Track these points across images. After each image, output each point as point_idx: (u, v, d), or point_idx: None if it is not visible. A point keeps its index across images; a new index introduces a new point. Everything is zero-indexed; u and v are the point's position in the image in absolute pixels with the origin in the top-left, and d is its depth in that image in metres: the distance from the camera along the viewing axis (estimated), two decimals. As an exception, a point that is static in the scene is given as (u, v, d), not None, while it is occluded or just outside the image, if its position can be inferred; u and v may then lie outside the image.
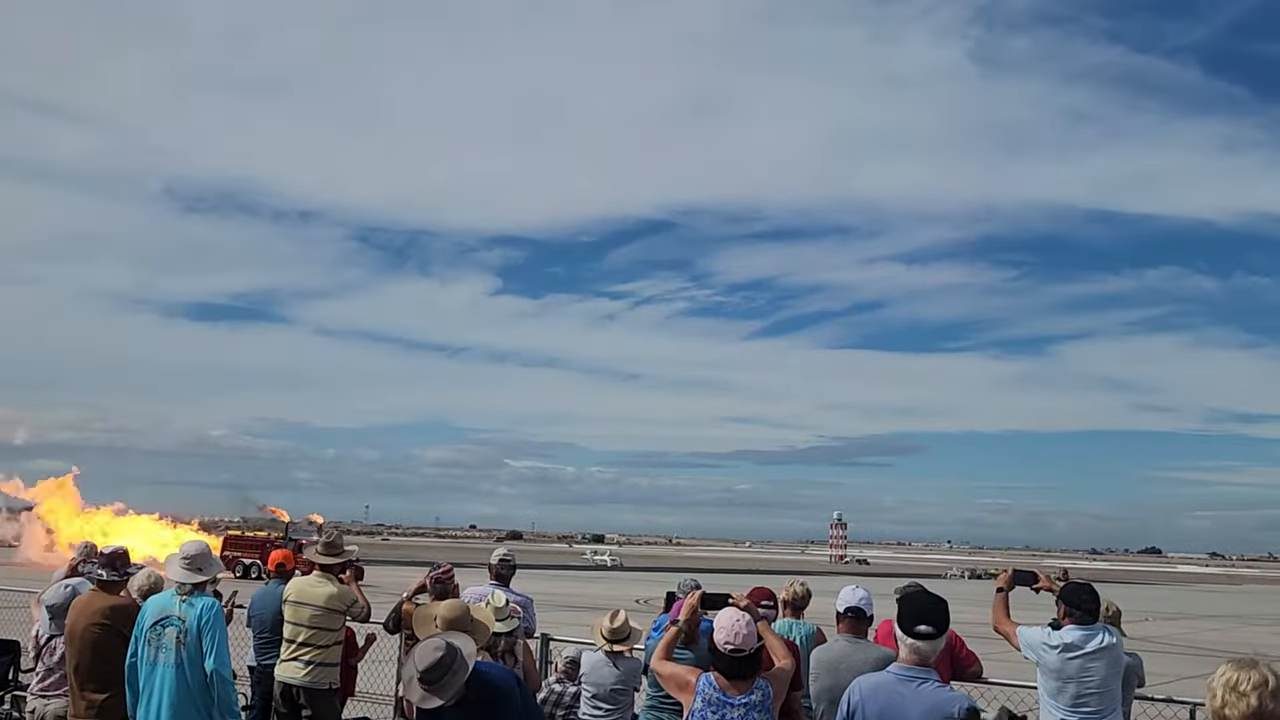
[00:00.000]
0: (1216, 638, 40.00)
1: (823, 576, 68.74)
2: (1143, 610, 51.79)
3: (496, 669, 6.33)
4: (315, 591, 9.15)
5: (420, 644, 6.01)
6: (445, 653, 5.83)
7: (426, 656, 5.82)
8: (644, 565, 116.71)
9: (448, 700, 5.81)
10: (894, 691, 5.10)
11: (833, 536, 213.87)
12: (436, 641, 5.93)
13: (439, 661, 5.79)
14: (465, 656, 5.90)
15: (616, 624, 8.74)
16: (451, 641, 5.96)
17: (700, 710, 5.77)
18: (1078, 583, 7.76)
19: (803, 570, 74.20)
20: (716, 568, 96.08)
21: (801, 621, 8.73)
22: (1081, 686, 7.25)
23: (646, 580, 69.53)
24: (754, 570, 75.13)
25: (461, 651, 5.91)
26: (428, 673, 5.78)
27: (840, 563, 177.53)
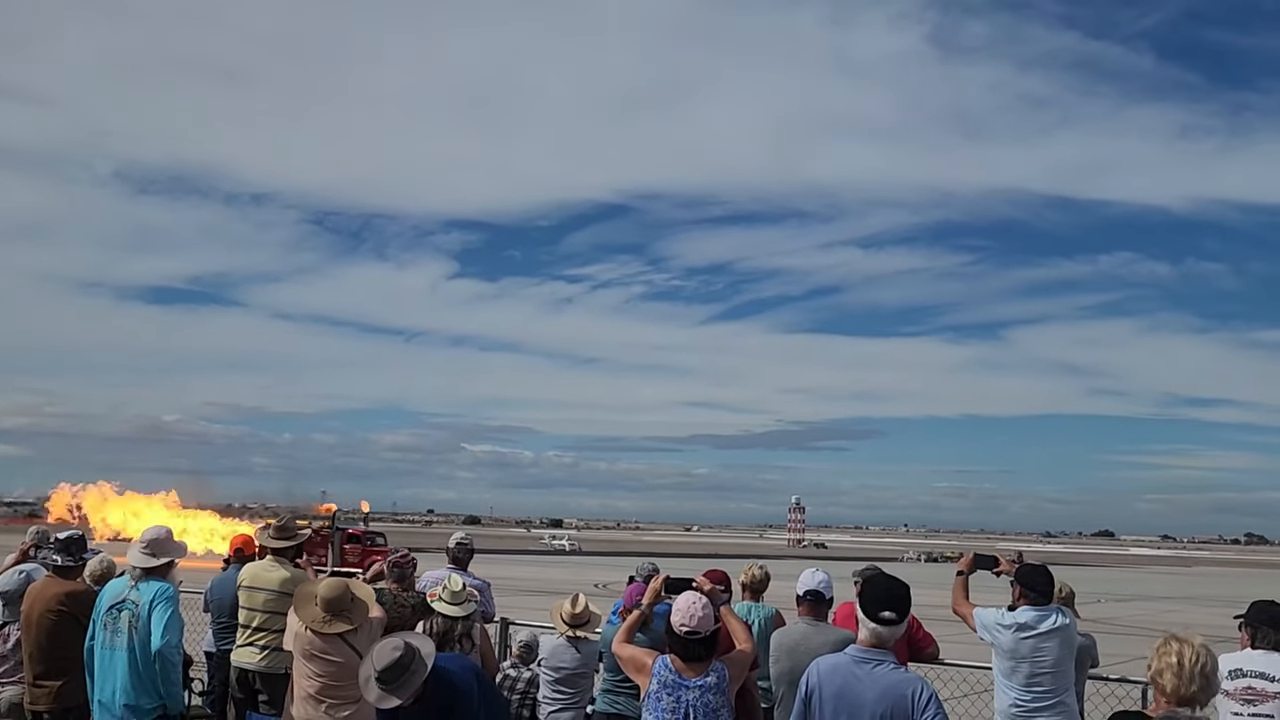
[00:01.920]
0: (1168, 619, 40.56)
1: (781, 560, 69.09)
2: (1096, 592, 52.44)
3: (455, 664, 6.29)
4: (268, 576, 9.09)
5: (378, 643, 5.96)
6: (404, 652, 5.77)
7: (384, 656, 5.76)
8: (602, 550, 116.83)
9: (406, 700, 5.78)
10: (850, 673, 5.13)
11: (791, 520, 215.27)
12: (395, 641, 5.87)
13: (397, 661, 5.74)
14: (424, 656, 5.86)
15: (578, 609, 8.78)
16: (410, 641, 5.91)
17: (656, 692, 5.80)
18: (1034, 565, 7.85)
19: (761, 554, 74.54)
20: (676, 552, 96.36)
21: (761, 604, 8.80)
22: (1035, 666, 7.35)
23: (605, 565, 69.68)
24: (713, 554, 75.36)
25: (420, 651, 5.87)
26: (385, 673, 5.73)
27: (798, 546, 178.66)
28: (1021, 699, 7.42)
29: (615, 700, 7.98)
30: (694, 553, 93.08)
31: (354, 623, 7.38)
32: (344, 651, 7.33)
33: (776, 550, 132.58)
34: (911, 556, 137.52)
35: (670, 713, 5.73)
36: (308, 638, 7.40)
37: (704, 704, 5.71)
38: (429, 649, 5.99)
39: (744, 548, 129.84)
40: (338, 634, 7.35)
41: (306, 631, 7.41)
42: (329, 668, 7.35)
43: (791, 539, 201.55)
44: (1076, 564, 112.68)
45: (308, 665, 7.43)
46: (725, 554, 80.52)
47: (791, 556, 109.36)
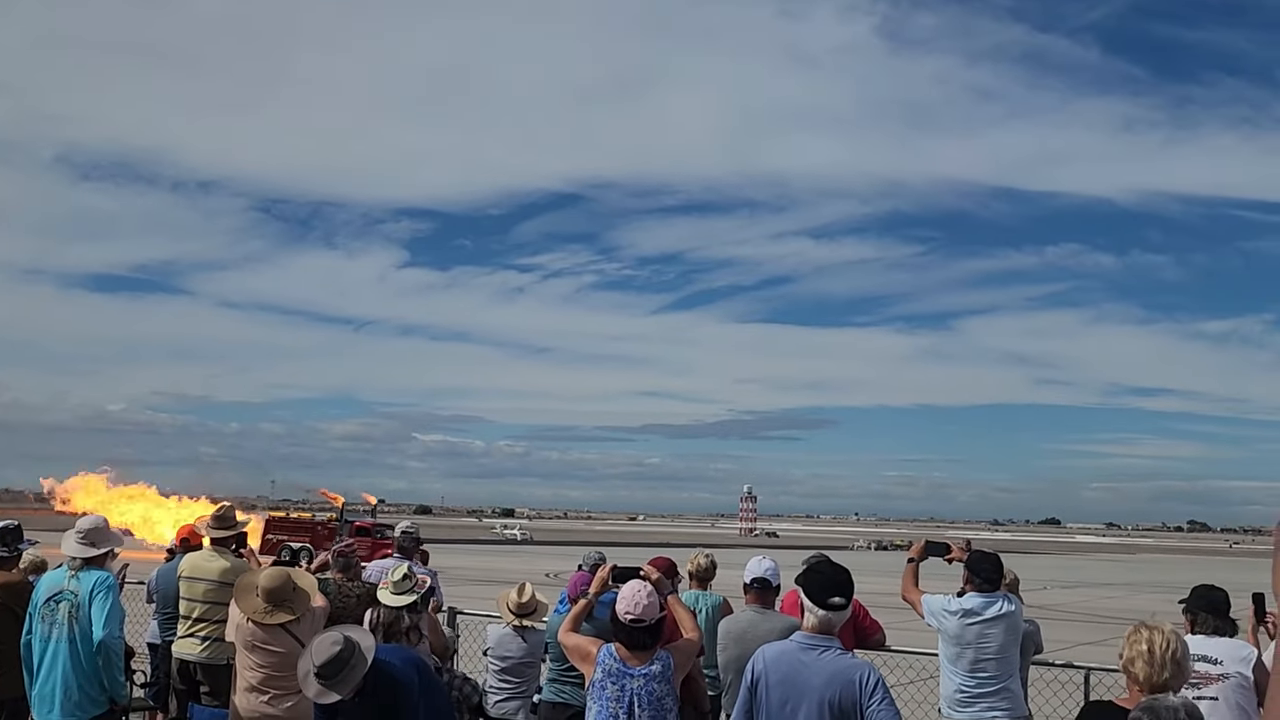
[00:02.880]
0: (1112, 605, 41.12)
1: (733, 549, 69.31)
2: (1042, 579, 53.04)
3: (396, 657, 6.17)
4: (208, 566, 8.97)
5: (317, 638, 5.84)
6: (343, 647, 5.66)
7: (323, 651, 5.65)
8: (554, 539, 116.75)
9: (346, 695, 5.67)
10: (796, 660, 5.13)
11: (743, 509, 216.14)
12: (334, 635, 5.76)
13: (336, 656, 5.63)
14: (364, 650, 5.75)
15: (524, 598, 8.74)
16: (350, 635, 5.80)
17: (600, 681, 5.78)
18: (983, 552, 7.93)
19: (713, 543, 74.80)
20: (626, 541, 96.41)
21: (708, 593, 8.78)
22: (979, 652, 7.41)
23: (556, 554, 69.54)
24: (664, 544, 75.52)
25: (360, 645, 5.76)
26: (325, 667, 5.62)
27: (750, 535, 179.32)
28: (966, 684, 7.48)
29: (561, 690, 7.94)
30: (645, 542, 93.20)
31: (296, 613, 7.30)
32: (286, 642, 7.24)
33: (728, 539, 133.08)
34: (862, 545, 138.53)
35: (615, 701, 5.71)
36: (249, 629, 7.31)
37: (648, 692, 5.70)
38: (369, 643, 5.88)
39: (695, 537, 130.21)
40: (279, 624, 7.26)
41: (248, 623, 7.31)
42: (271, 658, 7.26)
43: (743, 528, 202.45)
44: (1024, 552, 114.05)
45: (250, 656, 7.34)
46: (676, 543, 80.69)
47: (743, 545, 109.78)
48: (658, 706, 5.71)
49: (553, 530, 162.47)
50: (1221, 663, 6.07)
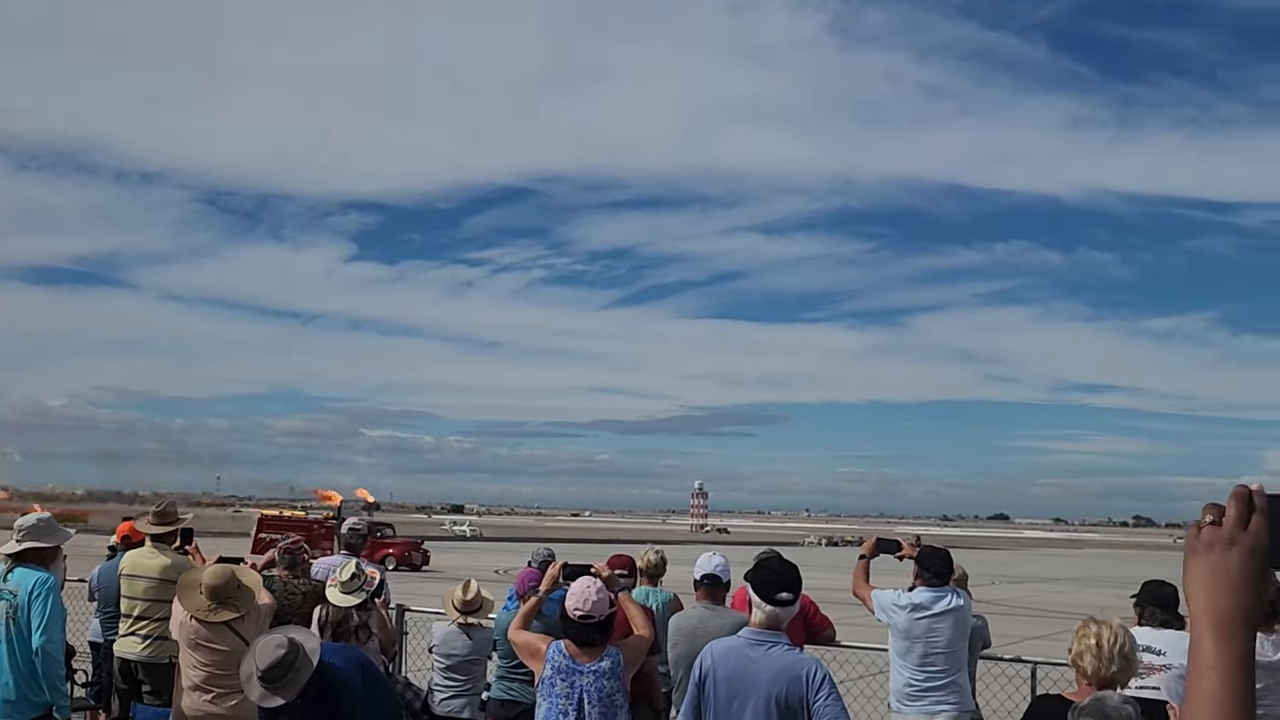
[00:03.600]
0: (1059, 600, 41.58)
1: (684, 545, 69.46)
2: (990, 574, 53.57)
3: (340, 657, 6.07)
4: (148, 563, 8.83)
5: (260, 640, 5.69)
6: (288, 650, 5.52)
7: (268, 654, 5.50)
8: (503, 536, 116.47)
9: (290, 699, 5.55)
10: (744, 655, 5.13)
11: (694, 506, 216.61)
12: (278, 638, 5.62)
13: (281, 660, 5.49)
14: (309, 652, 5.62)
15: (469, 595, 8.67)
16: (294, 638, 5.68)
17: (550, 678, 5.77)
18: (933, 547, 8.00)
19: (664, 539, 74.76)
20: (577, 538, 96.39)
21: (658, 589, 8.78)
22: (928, 646, 7.48)
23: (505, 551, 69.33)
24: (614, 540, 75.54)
25: (305, 647, 5.63)
26: (270, 671, 5.48)
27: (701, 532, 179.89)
28: (915, 679, 7.54)
29: (510, 687, 7.90)
30: (594, 538, 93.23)
31: (240, 610, 7.20)
32: (230, 640, 7.15)
33: (679, 535, 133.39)
34: (813, 541, 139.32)
35: (564, 698, 5.70)
36: (193, 626, 7.21)
37: (598, 689, 5.69)
38: (314, 645, 5.74)
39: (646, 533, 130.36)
40: (223, 622, 7.16)
41: (191, 620, 7.20)
42: (215, 656, 7.16)
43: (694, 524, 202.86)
44: (973, 547, 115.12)
45: (193, 655, 7.24)
46: (627, 539, 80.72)
47: (694, 542, 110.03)
48: (607, 703, 5.70)
49: (502, 526, 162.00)
50: (1165, 654, 6.14)
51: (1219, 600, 1.42)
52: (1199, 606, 1.45)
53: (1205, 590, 1.44)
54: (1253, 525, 1.43)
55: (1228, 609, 1.42)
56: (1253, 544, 1.42)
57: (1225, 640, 1.41)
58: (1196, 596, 1.46)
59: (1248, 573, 1.42)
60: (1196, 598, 1.46)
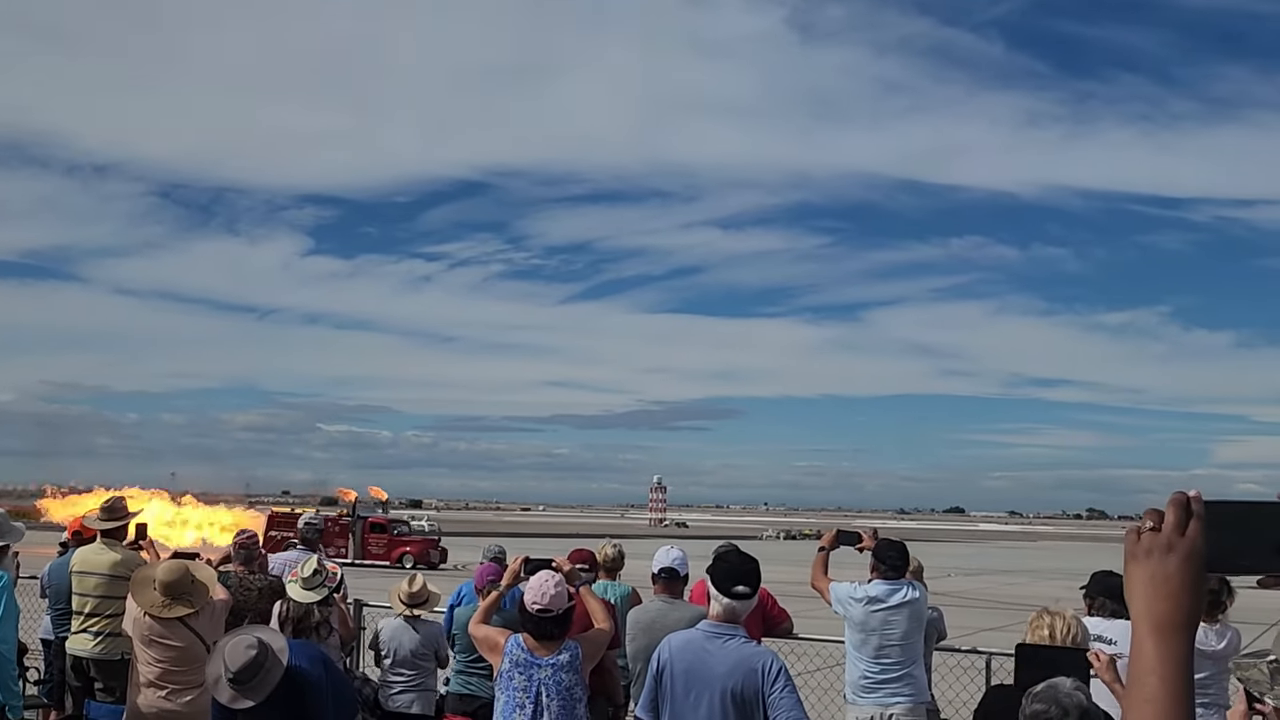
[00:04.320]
0: (1014, 592, 41.94)
1: (643, 539, 69.43)
2: (946, 567, 53.99)
3: (303, 655, 6.04)
4: (98, 559, 8.72)
5: (230, 641, 5.65)
6: (258, 651, 5.49)
7: (238, 656, 5.46)
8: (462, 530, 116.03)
9: (260, 699, 5.51)
10: (701, 648, 5.15)
11: (652, 500, 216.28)
12: (247, 639, 5.58)
13: (252, 661, 5.45)
14: (277, 653, 5.60)
15: (415, 588, 8.63)
16: (262, 638, 5.65)
17: (508, 671, 5.77)
18: (889, 540, 8.05)
19: (623, 533, 74.84)
20: (537, 532, 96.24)
21: (617, 583, 8.78)
22: (883, 639, 7.54)
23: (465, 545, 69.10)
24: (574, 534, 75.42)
25: (273, 648, 5.61)
26: (241, 673, 5.45)
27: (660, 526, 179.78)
28: (870, 671, 7.60)
29: (469, 681, 7.90)
30: (553, 533, 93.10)
31: (194, 606, 7.13)
32: (185, 636, 7.08)
33: (638, 530, 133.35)
34: (771, 534, 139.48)
35: (522, 691, 5.70)
36: (146, 623, 7.13)
37: (556, 682, 5.69)
38: (281, 644, 5.73)
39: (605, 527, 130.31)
40: (177, 618, 7.09)
41: (145, 617, 7.13)
42: (169, 653, 7.09)
43: (653, 518, 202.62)
44: (929, 540, 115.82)
45: (147, 651, 7.16)
46: (585, 534, 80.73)
47: (653, 536, 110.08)
48: (565, 696, 5.70)
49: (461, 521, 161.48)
50: (1115, 643, 6.20)
51: (1158, 605, 1.46)
52: (1139, 611, 1.49)
53: (1145, 596, 1.48)
54: (1190, 531, 1.47)
55: (1166, 613, 1.46)
56: (1189, 549, 1.46)
57: (1164, 643, 1.45)
58: (1136, 601, 1.50)
59: (1185, 577, 1.46)
60: (1136, 603, 1.50)
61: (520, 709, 5.70)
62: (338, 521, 51.25)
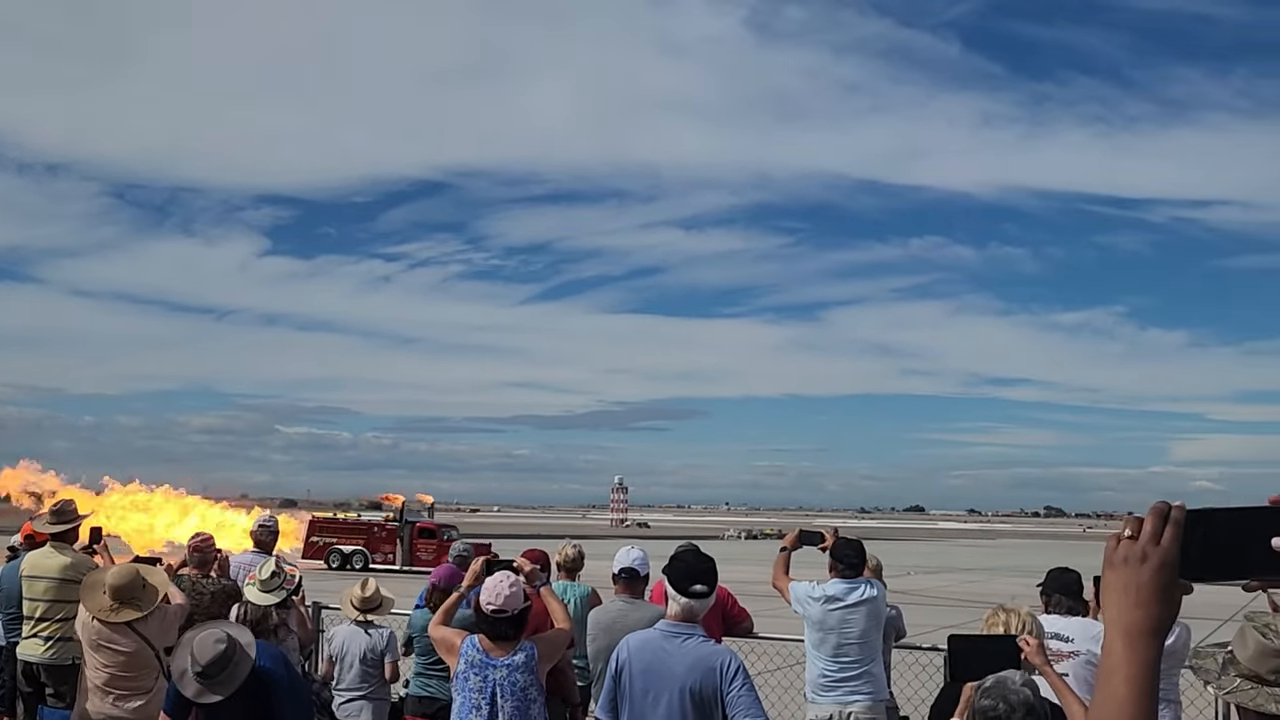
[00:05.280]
0: (973, 589, 42.22)
1: (604, 540, 69.46)
2: (906, 565, 54.33)
3: (265, 654, 6.01)
4: (48, 563, 8.60)
5: (198, 635, 5.62)
6: (227, 645, 5.49)
7: (206, 650, 5.45)
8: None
9: (227, 694, 5.49)
10: (659, 647, 5.13)
11: (614, 500, 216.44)
12: (215, 633, 5.56)
13: (221, 655, 5.45)
14: (245, 648, 5.60)
15: (367, 592, 8.51)
16: (230, 633, 5.63)
17: (464, 672, 5.77)
18: (846, 539, 8.06)
19: (584, 534, 74.92)
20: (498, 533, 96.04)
21: (576, 583, 8.75)
22: (841, 637, 7.56)
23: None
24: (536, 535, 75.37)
25: (241, 643, 5.60)
26: (210, 667, 5.43)
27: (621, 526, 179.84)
28: (829, 670, 7.62)
29: (427, 683, 7.86)
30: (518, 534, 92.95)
31: (142, 611, 7.01)
32: (132, 641, 6.98)
33: (600, 530, 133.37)
34: (732, 534, 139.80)
35: (477, 692, 5.69)
36: (95, 627, 7.03)
37: (511, 683, 5.67)
38: (249, 639, 5.74)
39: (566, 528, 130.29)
40: (125, 623, 6.98)
41: (94, 621, 7.02)
42: (117, 658, 6.99)
43: (614, 519, 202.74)
44: (889, 539, 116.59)
45: (95, 656, 7.06)
46: (548, 534, 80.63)
47: (615, 536, 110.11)
48: (520, 697, 5.68)
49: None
50: (1073, 640, 6.25)
51: (1129, 612, 1.50)
52: (1112, 616, 1.52)
53: (1118, 602, 1.51)
54: (1164, 540, 1.49)
55: (1137, 620, 1.49)
56: (1163, 559, 1.48)
57: (1133, 647, 1.49)
58: (1110, 607, 1.53)
59: (1157, 587, 1.49)
60: (1110, 609, 1.53)
61: (476, 710, 5.68)
62: (384, 527, 50.14)
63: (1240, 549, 1.49)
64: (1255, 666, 3.13)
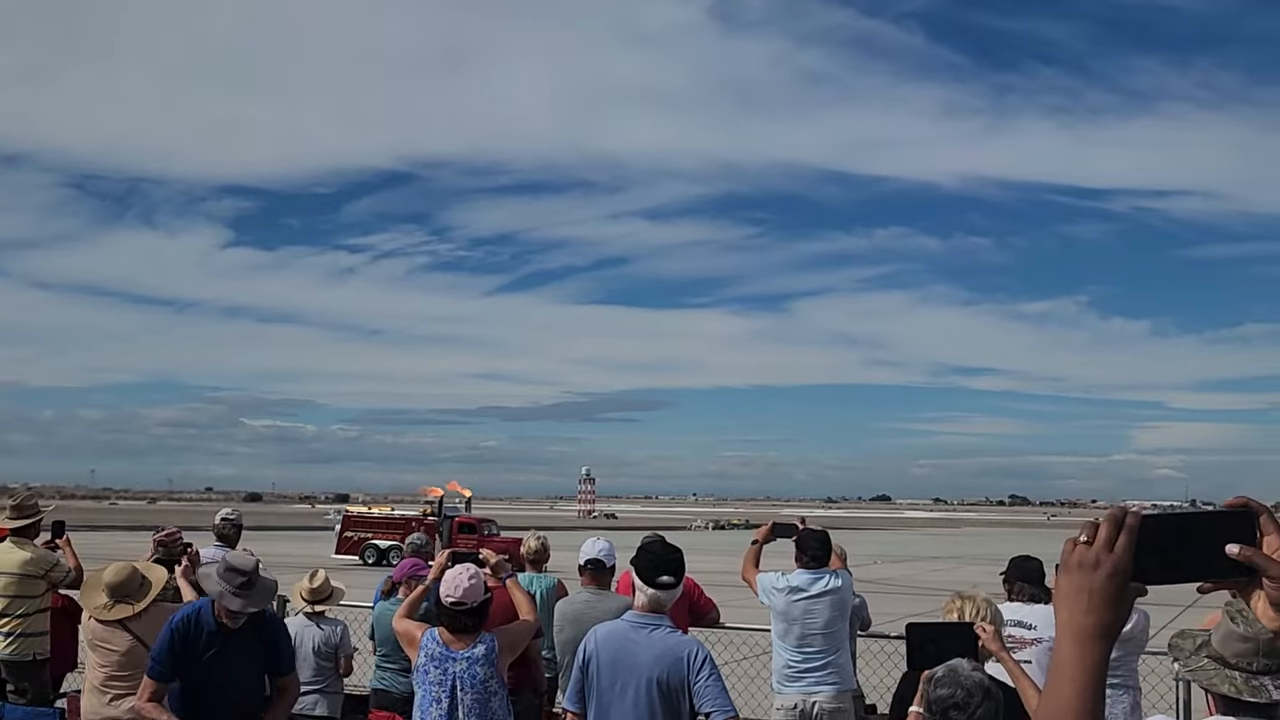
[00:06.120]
0: (938, 578, 42.51)
1: (572, 531, 69.51)
2: (872, 554, 54.67)
3: None
4: (7, 559, 8.50)
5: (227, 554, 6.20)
6: (256, 558, 6.00)
7: (244, 560, 5.95)
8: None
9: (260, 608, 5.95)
10: (627, 638, 5.15)
11: (581, 492, 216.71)
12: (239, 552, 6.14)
13: (256, 565, 5.93)
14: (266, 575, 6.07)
15: (316, 584, 8.39)
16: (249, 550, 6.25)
17: (424, 665, 5.77)
18: (812, 529, 8.09)
19: (552, 525, 74.91)
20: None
21: (542, 575, 8.74)
22: (805, 628, 7.60)
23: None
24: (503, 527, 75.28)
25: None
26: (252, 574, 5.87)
27: (589, 517, 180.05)
28: (793, 660, 7.65)
29: (387, 676, 7.85)
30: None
31: (136, 608, 6.92)
32: (125, 640, 6.88)
33: (567, 521, 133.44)
34: (700, 525, 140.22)
35: (437, 685, 5.68)
36: (92, 626, 6.96)
37: (471, 675, 5.66)
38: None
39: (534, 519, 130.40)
40: (119, 621, 6.89)
41: (91, 620, 6.96)
42: (111, 656, 6.88)
43: (582, 510, 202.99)
44: (856, 528, 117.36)
45: (92, 655, 6.99)
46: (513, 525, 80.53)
47: (582, 527, 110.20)
48: (481, 689, 5.68)
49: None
50: (1035, 628, 6.29)
51: (1079, 616, 1.53)
52: (1064, 618, 1.56)
53: (1070, 606, 1.55)
54: (1117, 548, 1.52)
55: (1087, 625, 1.53)
56: (1115, 567, 1.51)
57: (1080, 648, 1.53)
58: (1062, 610, 1.56)
59: (1108, 593, 1.52)
60: (1062, 610, 1.56)
61: (436, 703, 5.68)
62: (422, 521, 47.48)
63: (1195, 553, 1.52)
64: (1222, 649, 3.26)
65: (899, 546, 78.73)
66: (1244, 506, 1.53)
